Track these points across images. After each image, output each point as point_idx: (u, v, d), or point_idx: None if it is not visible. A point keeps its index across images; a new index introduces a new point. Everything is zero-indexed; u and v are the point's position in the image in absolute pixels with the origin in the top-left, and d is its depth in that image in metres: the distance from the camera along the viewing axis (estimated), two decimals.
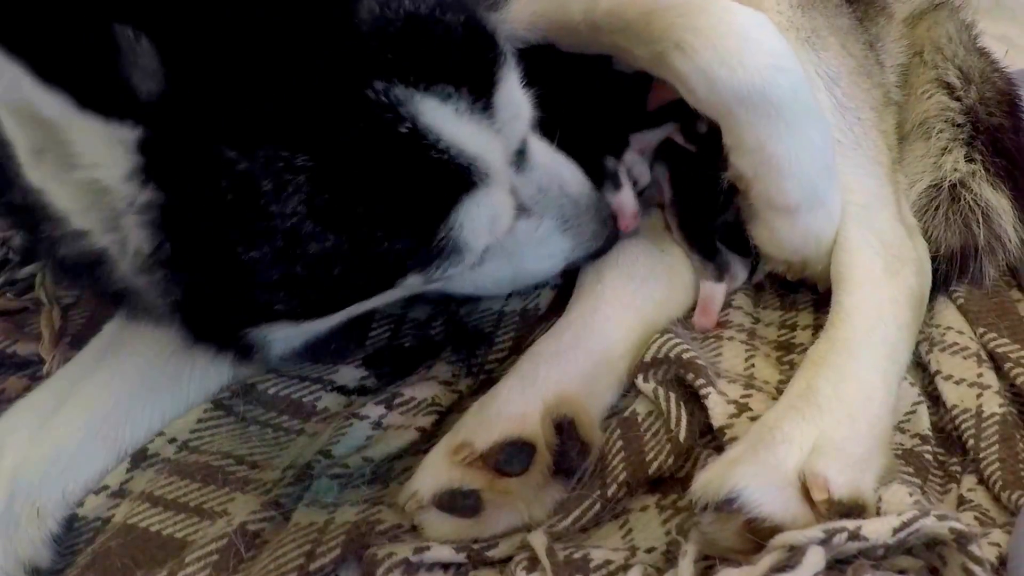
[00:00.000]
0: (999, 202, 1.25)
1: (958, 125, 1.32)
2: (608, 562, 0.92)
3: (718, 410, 1.05)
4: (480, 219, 0.86)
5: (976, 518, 0.98)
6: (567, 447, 0.99)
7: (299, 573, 0.91)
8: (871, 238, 1.16)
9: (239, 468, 1.08)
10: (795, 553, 0.83)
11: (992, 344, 1.16)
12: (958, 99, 1.34)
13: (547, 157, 1.06)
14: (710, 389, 1.06)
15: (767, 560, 0.83)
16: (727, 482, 0.91)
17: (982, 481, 1.02)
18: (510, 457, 0.97)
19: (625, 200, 1.19)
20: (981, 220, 1.24)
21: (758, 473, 0.93)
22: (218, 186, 0.74)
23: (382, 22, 0.78)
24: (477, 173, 0.84)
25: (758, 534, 0.89)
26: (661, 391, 1.07)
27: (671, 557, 0.94)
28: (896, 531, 0.85)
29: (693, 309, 1.22)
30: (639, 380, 1.09)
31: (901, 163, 1.30)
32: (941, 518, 0.86)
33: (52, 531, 1.04)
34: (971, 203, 1.25)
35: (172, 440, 1.12)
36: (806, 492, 0.93)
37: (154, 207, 0.76)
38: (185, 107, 0.72)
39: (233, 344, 0.93)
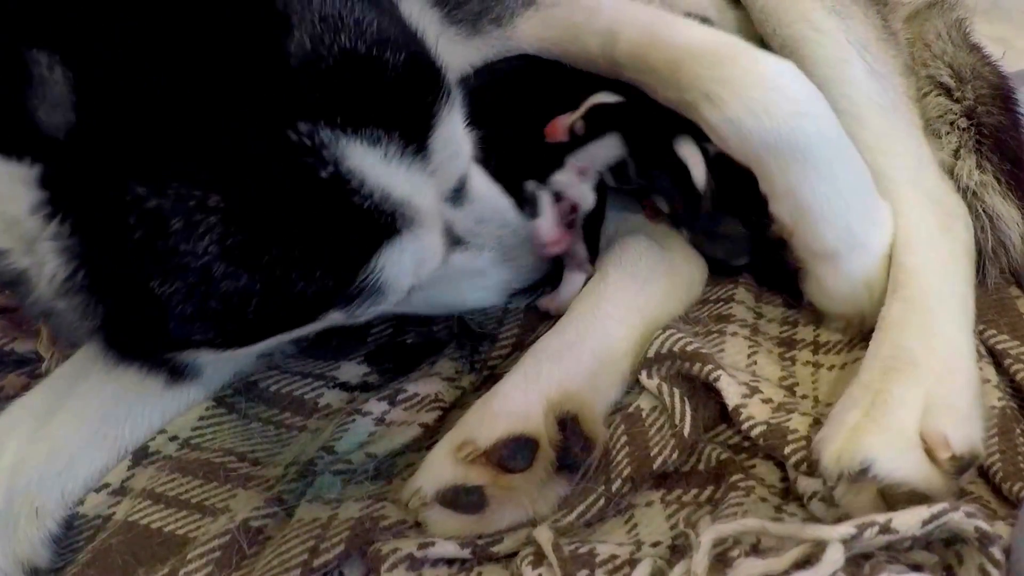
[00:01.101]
0: (1008, 213, 1.25)
1: (963, 129, 1.31)
2: (614, 556, 0.91)
3: (731, 390, 1.04)
4: (404, 264, 0.83)
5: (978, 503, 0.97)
6: (570, 443, 0.98)
7: (303, 569, 0.90)
8: (922, 197, 1.18)
9: (241, 465, 1.07)
10: (820, 548, 0.82)
11: (992, 340, 1.15)
12: (957, 100, 1.34)
13: (487, 189, 1.06)
14: (720, 372, 1.05)
15: (793, 553, 0.82)
16: (858, 453, 0.92)
17: (983, 473, 1.01)
18: (513, 453, 0.97)
19: (542, 228, 1.16)
20: (989, 229, 1.23)
21: (886, 441, 0.94)
22: (126, 222, 0.71)
23: (313, 58, 0.75)
24: (403, 219, 0.81)
25: (890, 499, 0.91)
26: (665, 387, 1.07)
27: (677, 551, 0.93)
28: (925, 523, 0.84)
29: (695, 306, 1.23)
30: (643, 376, 1.09)
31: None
32: (969, 515, 0.85)
33: (51, 531, 1.03)
34: (981, 213, 1.24)
35: (174, 438, 1.12)
36: (928, 451, 0.95)
37: (67, 236, 0.74)
38: (94, 139, 0.70)
39: (161, 366, 0.93)
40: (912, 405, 0.98)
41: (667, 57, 1.11)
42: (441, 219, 0.91)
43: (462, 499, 0.95)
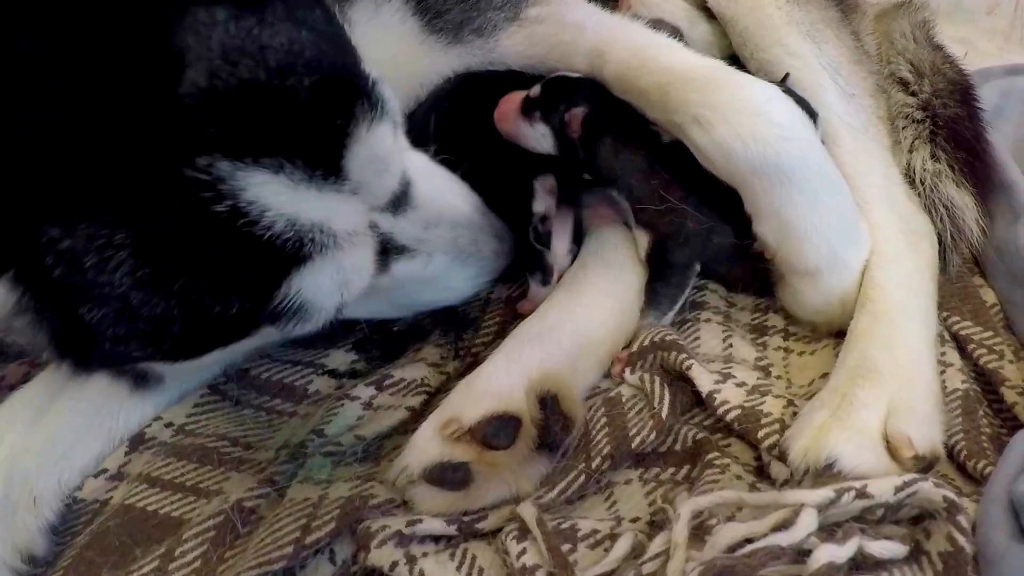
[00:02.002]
0: (962, 200, 1.29)
1: (918, 121, 1.35)
2: (595, 531, 0.95)
3: (703, 378, 1.07)
4: (323, 285, 0.84)
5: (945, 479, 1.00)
6: (551, 421, 1.00)
7: (295, 547, 0.92)
8: (892, 216, 1.22)
9: (234, 449, 1.10)
10: (798, 514, 0.85)
11: (956, 327, 1.19)
12: (913, 94, 1.38)
13: (435, 192, 1.03)
14: (692, 361, 1.08)
15: (773, 517, 0.86)
16: (824, 449, 0.97)
17: (948, 453, 1.05)
18: (497, 431, 0.99)
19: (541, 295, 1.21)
20: (946, 216, 1.28)
21: (850, 438, 0.99)
22: (44, 263, 0.74)
23: (209, 93, 0.74)
24: (314, 244, 0.81)
25: None
26: (646, 376, 1.10)
27: (656, 526, 0.96)
28: (898, 489, 0.88)
29: None
30: (626, 373, 1.12)
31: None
32: (938, 485, 0.89)
33: (48, 520, 1.05)
34: (936, 202, 1.29)
35: (169, 424, 1.14)
36: (890, 450, 0.99)
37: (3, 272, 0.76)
38: (4, 189, 0.72)
39: (121, 373, 0.95)
40: (876, 408, 1.03)
41: (657, 80, 1.15)
42: (373, 235, 0.91)
43: (448, 476, 0.97)
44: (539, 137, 1.22)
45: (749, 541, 0.85)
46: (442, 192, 1.06)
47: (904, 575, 0.85)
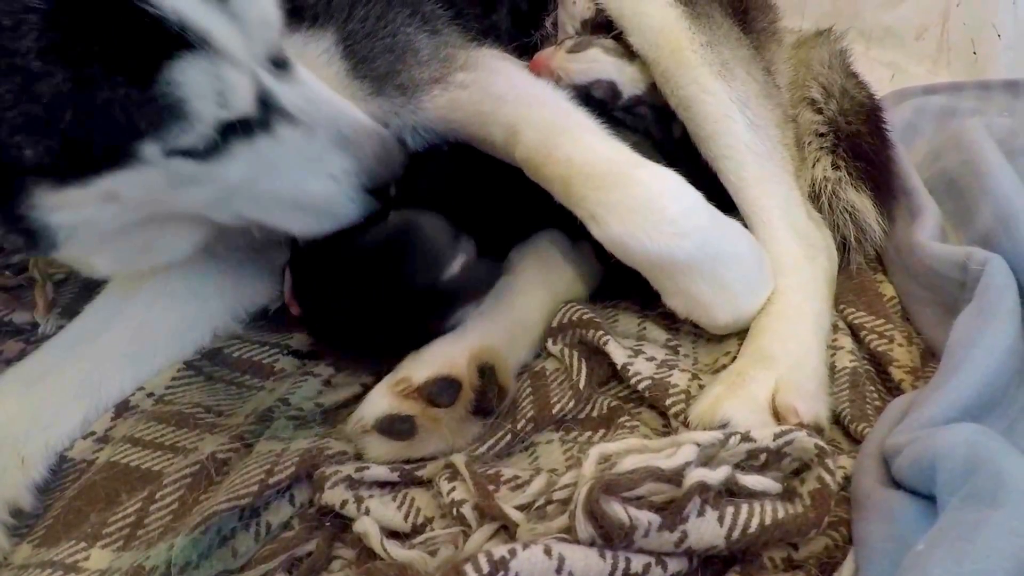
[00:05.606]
0: (862, 203, 1.57)
1: (822, 135, 1.63)
2: (516, 477, 1.18)
3: (617, 353, 1.33)
4: (199, 83, 0.98)
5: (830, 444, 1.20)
6: (487, 388, 1.25)
7: (260, 486, 1.14)
8: (791, 233, 1.47)
9: (208, 416, 1.35)
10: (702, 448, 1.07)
11: (851, 317, 1.47)
12: (820, 111, 1.66)
13: (318, 83, 1.19)
14: (608, 337, 1.34)
15: (667, 451, 1.07)
16: (718, 412, 1.21)
17: (837, 420, 1.29)
18: (440, 390, 1.22)
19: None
20: (849, 220, 1.56)
21: (740, 404, 1.22)
22: None
23: None
24: (195, 39, 0.97)
25: None
26: (567, 350, 1.36)
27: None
28: (777, 436, 1.09)
29: (598, 289, 1.54)
30: (549, 343, 1.39)
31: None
32: (811, 435, 1.10)
33: (34, 478, 1.26)
34: (839, 208, 1.57)
35: (150, 394, 1.40)
36: (777, 419, 1.22)
37: None
38: None
39: (16, 227, 1.08)
40: (765, 383, 1.27)
41: (560, 173, 1.31)
42: (252, 71, 1.06)
43: (396, 426, 1.20)
44: None
45: None
46: (328, 89, 1.20)
47: (776, 507, 1.04)
